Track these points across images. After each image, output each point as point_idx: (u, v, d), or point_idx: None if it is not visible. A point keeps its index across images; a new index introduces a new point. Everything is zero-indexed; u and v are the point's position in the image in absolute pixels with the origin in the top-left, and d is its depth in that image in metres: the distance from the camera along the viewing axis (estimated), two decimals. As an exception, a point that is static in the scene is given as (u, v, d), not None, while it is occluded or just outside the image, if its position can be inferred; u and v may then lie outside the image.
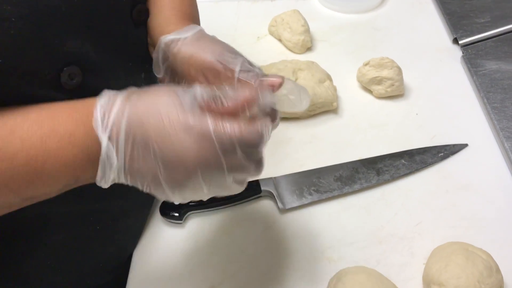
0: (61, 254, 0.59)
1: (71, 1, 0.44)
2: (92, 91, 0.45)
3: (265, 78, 0.48)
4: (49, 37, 0.43)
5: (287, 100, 0.51)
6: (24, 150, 0.39)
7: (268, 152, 0.59)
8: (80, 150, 0.41)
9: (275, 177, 0.71)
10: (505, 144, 0.73)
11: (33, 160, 0.40)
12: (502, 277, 0.58)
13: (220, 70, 0.49)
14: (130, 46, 0.55)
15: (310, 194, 0.70)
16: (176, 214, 0.67)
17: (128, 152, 0.41)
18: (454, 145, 0.75)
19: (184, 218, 0.67)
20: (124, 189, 0.60)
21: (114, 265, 0.66)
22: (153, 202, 0.70)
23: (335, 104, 0.80)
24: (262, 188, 0.69)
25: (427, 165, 0.73)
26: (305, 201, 0.69)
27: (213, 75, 0.50)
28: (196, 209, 0.68)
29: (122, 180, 0.43)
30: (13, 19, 0.40)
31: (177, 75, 0.54)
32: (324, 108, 0.80)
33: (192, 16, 0.59)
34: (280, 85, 0.48)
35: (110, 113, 0.41)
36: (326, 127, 0.80)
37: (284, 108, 0.51)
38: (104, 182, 0.43)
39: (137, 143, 0.41)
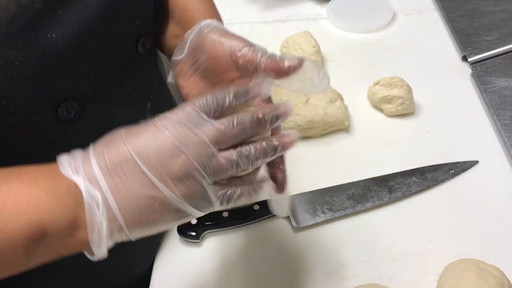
0: (71, 278, 0.59)
1: (76, 43, 0.45)
2: (91, 123, 0.47)
3: (285, 59, 0.46)
4: (50, 78, 0.44)
5: (308, 81, 0.48)
6: None
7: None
8: (48, 194, 0.38)
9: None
10: (516, 161, 0.74)
11: None
12: (514, 294, 0.58)
13: (245, 52, 0.48)
14: (134, 77, 0.56)
15: (324, 212, 0.71)
16: (193, 233, 0.69)
17: (109, 178, 0.38)
18: (464, 162, 0.77)
19: (201, 237, 0.69)
20: None
21: (123, 287, 0.67)
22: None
23: (346, 123, 0.82)
24: (276, 207, 0.71)
25: (438, 183, 0.74)
26: (318, 219, 0.71)
27: (237, 55, 0.49)
28: (212, 228, 0.70)
29: (118, 224, 0.39)
30: (16, 63, 0.40)
31: (203, 53, 0.52)
32: (336, 127, 0.82)
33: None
34: (300, 67, 0.46)
35: (76, 154, 0.40)
36: (338, 145, 0.82)
37: (304, 90, 0.49)
38: (98, 235, 0.39)
39: (112, 160, 0.39)
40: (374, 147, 0.81)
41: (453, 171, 0.75)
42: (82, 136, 0.48)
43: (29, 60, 0.41)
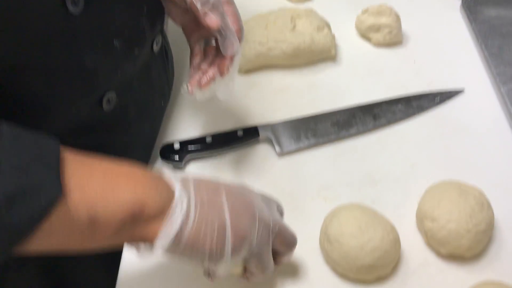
0: None
1: None
2: (94, 18, 0.50)
3: (207, 16, 0.54)
4: None
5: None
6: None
7: (266, 99, 0.61)
8: (150, 178, 0.44)
9: (273, 123, 0.72)
10: (502, 89, 0.74)
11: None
12: (493, 213, 0.59)
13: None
14: None
15: (307, 138, 0.71)
16: (176, 158, 0.68)
17: (198, 197, 0.45)
18: (450, 91, 0.76)
19: (184, 161, 0.69)
20: (126, 125, 0.62)
21: None
22: (154, 144, 0.71)
23: (333, 51, 0.80)
24: (260, 133, 0.71)
25: (423, 110, 0.74)
26: (302, 145, 0.70)
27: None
28: (196, 153, 0.69)
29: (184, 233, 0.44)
30: None
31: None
32: (322, 55, 0.80)
33: None
34: (216, 28, 0.54)
35: (176, 172, 0.47)
36: (324, 74, 0.80)
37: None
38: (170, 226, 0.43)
39: (207, 187, 0.47)
40: (360, 77, 0.80)
41: (438, 98, 0.75)
42: (86, 31, 0.50)
43: None
